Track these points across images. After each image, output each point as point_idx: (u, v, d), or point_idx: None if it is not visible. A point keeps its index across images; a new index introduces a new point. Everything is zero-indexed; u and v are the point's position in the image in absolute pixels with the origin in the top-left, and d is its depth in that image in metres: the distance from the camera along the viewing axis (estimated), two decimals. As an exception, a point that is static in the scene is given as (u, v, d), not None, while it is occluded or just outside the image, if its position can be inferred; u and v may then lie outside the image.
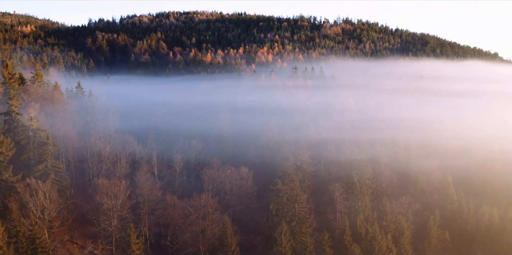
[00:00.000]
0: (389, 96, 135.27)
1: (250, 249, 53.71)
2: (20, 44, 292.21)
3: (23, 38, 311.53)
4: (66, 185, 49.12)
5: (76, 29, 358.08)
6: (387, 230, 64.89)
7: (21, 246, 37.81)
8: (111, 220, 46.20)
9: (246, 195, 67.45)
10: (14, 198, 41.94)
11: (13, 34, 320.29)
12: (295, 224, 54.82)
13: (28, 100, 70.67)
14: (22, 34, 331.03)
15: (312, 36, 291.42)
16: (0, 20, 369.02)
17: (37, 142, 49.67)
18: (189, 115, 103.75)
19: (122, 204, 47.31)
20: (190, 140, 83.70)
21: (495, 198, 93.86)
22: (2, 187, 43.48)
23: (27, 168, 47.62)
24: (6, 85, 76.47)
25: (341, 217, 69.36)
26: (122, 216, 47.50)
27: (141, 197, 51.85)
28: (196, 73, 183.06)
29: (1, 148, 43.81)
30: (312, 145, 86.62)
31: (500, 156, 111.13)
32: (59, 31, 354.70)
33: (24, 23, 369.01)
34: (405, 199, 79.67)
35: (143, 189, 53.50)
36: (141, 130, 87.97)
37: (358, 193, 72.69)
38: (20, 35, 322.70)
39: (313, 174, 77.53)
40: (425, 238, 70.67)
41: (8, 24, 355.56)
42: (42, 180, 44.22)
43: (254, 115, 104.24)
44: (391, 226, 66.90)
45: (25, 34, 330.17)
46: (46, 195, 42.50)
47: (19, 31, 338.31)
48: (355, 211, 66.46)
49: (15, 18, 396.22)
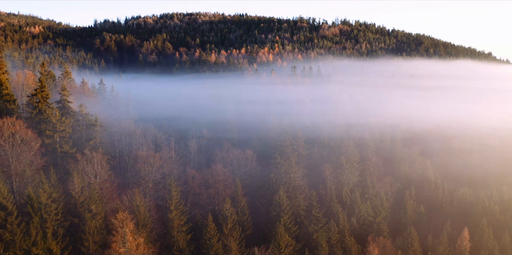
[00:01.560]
0: (379, 92, 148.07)
1: (255, 209, 66.14)
2: (30, 45, 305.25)
3: (33, 39, 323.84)
4: (110, 157, 61.79)
5: (83, 30, 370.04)
6: (368, 199, 77.51)
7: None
8: (148, 184, 58.83)
9: (251, 173, 79.86)
10: (74, 165, 54.57)
11: (24, 35, 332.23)
12: (291, 190, 67.57)
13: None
14: (31, 35, 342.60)
15: (311, 37, 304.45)
16: (8, 21, 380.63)
17: (86, 124, 62.50)
18: (199, 108, 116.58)
19: (156, 171, 59.93)
20: (201, 129, 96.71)
21: (471, 181, 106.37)
22: (64, 157, 56.27)
23: (78, 144, 60.33)
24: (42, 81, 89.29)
25: (331, 192, 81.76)
26: (156, 180, 60.07)
27: (167, 168, 64.25)
28: (201, 72, 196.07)
29: (63, 127, 56.63)
30: (307, 132, 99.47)
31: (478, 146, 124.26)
32: (66, 31, 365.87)
33: (31, 24, 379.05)
34: (387, 179, 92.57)
35: (167, 163, 65.94)
36: (158, 120, 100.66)
37: (346, 173, 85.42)
38: (29, 35, 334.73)
39: (308, 156, 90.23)
40: (401, 209, 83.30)
41: (17, 25, 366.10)
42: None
43: (256, 107, 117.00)
44: (372, 198, 79.50)
45: (34, 35, 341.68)
46: (98, 163, 55.24)
47: (28, 32, 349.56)
48: (342, 186, 79.20)
49: (20, 18, 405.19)
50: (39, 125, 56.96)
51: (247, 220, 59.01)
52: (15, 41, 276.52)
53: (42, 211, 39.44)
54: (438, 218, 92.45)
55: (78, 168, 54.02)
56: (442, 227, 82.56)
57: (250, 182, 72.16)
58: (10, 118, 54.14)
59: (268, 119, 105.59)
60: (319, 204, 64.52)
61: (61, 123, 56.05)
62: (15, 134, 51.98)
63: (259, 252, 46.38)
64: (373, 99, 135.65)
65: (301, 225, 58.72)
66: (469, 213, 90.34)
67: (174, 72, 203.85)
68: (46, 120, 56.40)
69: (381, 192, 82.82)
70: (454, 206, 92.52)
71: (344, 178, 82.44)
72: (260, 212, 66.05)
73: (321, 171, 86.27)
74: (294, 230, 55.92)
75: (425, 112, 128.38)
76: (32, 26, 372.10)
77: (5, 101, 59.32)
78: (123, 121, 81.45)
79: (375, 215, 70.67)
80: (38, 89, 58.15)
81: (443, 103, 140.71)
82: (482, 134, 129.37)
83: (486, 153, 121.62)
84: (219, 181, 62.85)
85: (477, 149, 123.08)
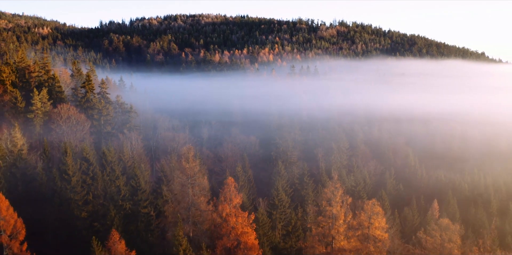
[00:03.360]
0: (370, 88, 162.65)
1: (258, 180, 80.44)
2: (41, 45, 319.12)
3: (43, 40, 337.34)
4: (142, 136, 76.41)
5: (90, 31, 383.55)
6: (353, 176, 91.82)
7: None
8: (173, 157, 73.18)
9: (255, 155, 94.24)
10: (115, 142, 69.03)
11: (34, 35, 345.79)
12: (287, 165, 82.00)
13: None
14: (40, 35, 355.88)
15: (309, 37, 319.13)
16: (16, 22, 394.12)
17: (121, 111, 77.00)
18: (208, 102, 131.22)
19: (179, 146, 74.47)
20: (210, 120, 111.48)
21: (449, 165, 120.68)
22: (107, 136, 70.80)
23: (117, 127, 74.84)
24: (75, 78, 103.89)
25: (321, 170, 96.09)
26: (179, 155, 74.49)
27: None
28: (207, 71, 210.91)
29: (106, 112, 71.14)
30: (304, 122, 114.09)
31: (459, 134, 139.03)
32: (74, 32, 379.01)
33: (39, 25, 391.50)
34: (372, 163, 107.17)
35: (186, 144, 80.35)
36: (172, 111, 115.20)
37: (336, 156, 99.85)
38: (39, 36, 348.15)
39: (303, 142, 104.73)
40: (381, 186, 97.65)
41: (25, 26, 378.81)
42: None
43: (258, 102, 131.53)
44: (357, 175, 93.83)
45: (43, 36, 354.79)
46: (134, 141, 69.70)
47: (37, 33, 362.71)
48: (331, 164, 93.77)
49: (26, 19, 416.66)
50: (87, 111, 71.43)
51: (252, 187, 73.38)
52: (29, 42, 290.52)
53: (112, 164, 52.95)
54: (415, 195, 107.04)
55: (120, 144, 68.56)
56: (417, 201, 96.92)
57: (254, 162, 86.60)
58: (65, 104, 68.73)
59: (269, 111, 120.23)
60: (311, 177, 78.91)
61: (105, 109, 70.61)
62: (71, 117, 66.54)
63: (263, 202, 60.40)
64: (364, 95, 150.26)
65: (295, 190, 72.86)
66: (442, 191, 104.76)
67: (182, 71, 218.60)
68: (93, 107, 70.92)
69: (365, 171, 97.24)
70: (430, 186, 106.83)
71: (334, 160, 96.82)
72: (263, 184, 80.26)
73: (314, 154, 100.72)
74: (290, 192, 69.97)
75: (410, 105, 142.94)
76: (40, 27, 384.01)
77: (58, 92, 73.85)
78: (147, 110, 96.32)
79: (356, 185, 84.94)
80: (86, 82, 72.68)
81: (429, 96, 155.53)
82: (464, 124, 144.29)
83: (466, 141, 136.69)
84: (230, 157, 77.32)
85: (457, 137, 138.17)
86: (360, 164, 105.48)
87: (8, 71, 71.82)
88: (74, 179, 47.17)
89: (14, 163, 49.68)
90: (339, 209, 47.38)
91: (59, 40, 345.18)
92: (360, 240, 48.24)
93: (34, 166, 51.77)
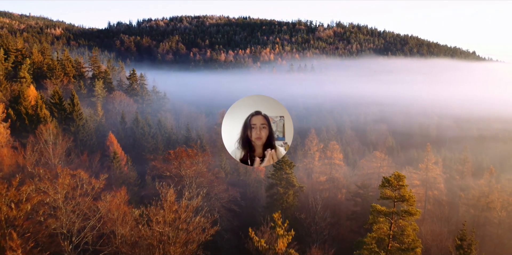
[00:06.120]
0: (359, 84, 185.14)
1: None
2: (56, 46, 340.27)
3: (57, 40, 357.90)
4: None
5: (100, 32, 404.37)
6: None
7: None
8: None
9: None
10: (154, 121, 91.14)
11: (48, 36, 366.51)
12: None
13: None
14: (54, 36, 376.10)
15: (308, 38, 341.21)
16: (27, 23, 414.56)
17: (156, 97, 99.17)
18: (217, 95, 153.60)
19: (203, 125, 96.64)
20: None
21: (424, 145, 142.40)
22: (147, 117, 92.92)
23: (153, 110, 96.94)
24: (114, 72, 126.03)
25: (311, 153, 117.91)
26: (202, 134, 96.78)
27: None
28: (213, 69, 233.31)
29: (146, 97, 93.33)
30: (299, 113, 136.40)
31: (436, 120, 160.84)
32: (85, 33, 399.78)
33: (51, 26, 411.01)
34: (356, 143, 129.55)
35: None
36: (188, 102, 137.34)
37: (325, 138, 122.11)
38: (53, 37, 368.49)
39: (297, 130, 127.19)
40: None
41: (38, 27, 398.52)
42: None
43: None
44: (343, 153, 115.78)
45: (57, 36, 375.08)
46: (169, 119, 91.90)
47: (50, 33, 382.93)
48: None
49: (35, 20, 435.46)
50: (132, 97, 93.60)
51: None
52: (48, 42, 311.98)
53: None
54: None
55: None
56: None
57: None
58: (117, 91, 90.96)
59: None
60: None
61: (146, 95, 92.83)
62: (123, 100, 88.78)
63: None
64: (352, 88, 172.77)
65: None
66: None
67: (191, 69, 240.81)
68: (137, 94, 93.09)
69: (348, 148, 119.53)
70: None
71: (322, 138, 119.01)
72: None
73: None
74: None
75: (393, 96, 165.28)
76: (52, 28, 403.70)
77: (108, 83, 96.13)
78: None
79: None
80: (131, 75, 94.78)
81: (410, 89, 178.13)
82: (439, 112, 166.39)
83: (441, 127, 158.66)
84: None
85: (434, 123, 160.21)
86: (345, 144, 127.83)
87: (70, 66, 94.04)
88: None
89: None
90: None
91: (73, 41, 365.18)
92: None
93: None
